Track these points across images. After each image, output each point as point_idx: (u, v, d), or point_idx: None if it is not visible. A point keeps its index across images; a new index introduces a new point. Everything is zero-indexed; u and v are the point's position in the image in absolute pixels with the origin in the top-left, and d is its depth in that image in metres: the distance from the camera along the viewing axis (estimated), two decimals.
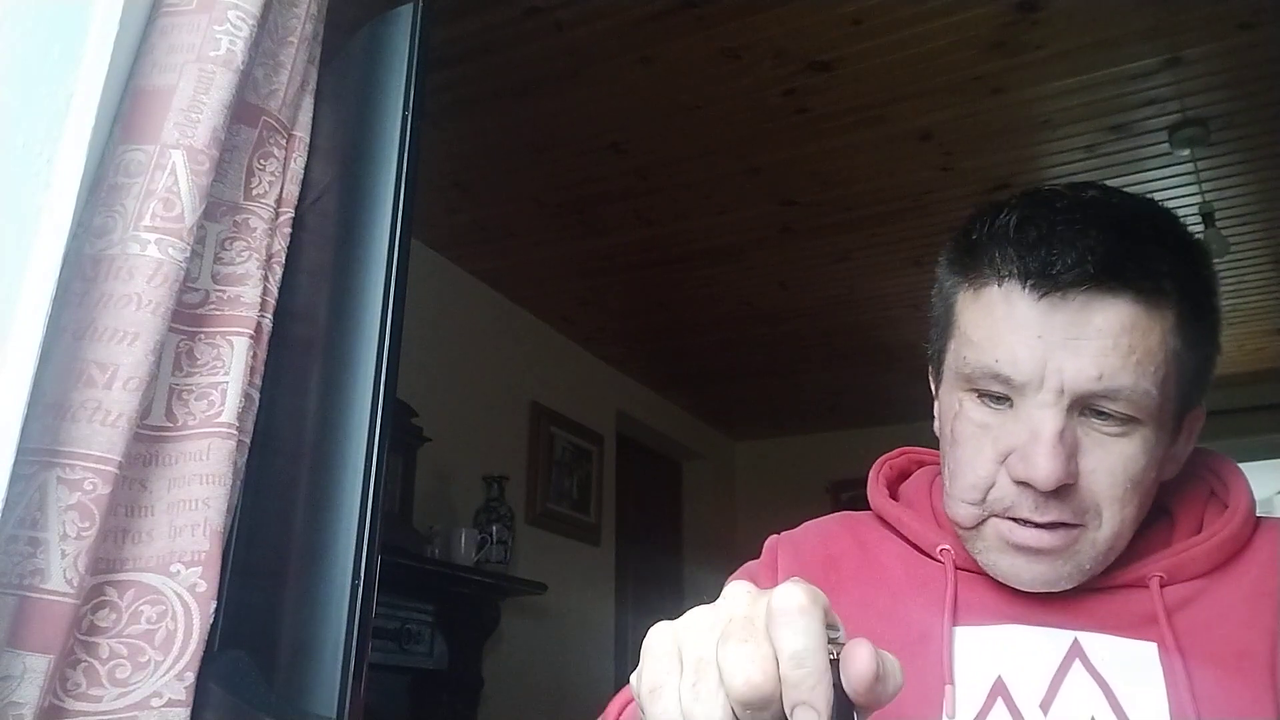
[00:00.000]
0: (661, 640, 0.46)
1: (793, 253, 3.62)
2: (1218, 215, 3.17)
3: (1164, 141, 2.90)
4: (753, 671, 0.41)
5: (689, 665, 0.44)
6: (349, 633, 0.85)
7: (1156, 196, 0.74)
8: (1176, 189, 3.13)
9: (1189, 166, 3.01)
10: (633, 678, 0.47)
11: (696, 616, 0.46)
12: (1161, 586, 0.70)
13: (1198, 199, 3.09)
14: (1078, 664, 0.69)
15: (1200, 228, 3.05)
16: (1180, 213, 3.57)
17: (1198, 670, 0.66)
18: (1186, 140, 2.84)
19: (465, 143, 2.94)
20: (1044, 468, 0.65)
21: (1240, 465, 0.78)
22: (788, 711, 0.40)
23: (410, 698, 3.14)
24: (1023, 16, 2.38)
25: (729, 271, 3.80)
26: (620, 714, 0.57)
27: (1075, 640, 0.70)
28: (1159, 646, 0.68)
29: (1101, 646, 0.69)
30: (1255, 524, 0.73)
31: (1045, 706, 0.68)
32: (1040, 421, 0.66)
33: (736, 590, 0.46)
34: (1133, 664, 0.68)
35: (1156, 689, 0.66)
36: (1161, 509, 0.75)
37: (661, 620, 0.47)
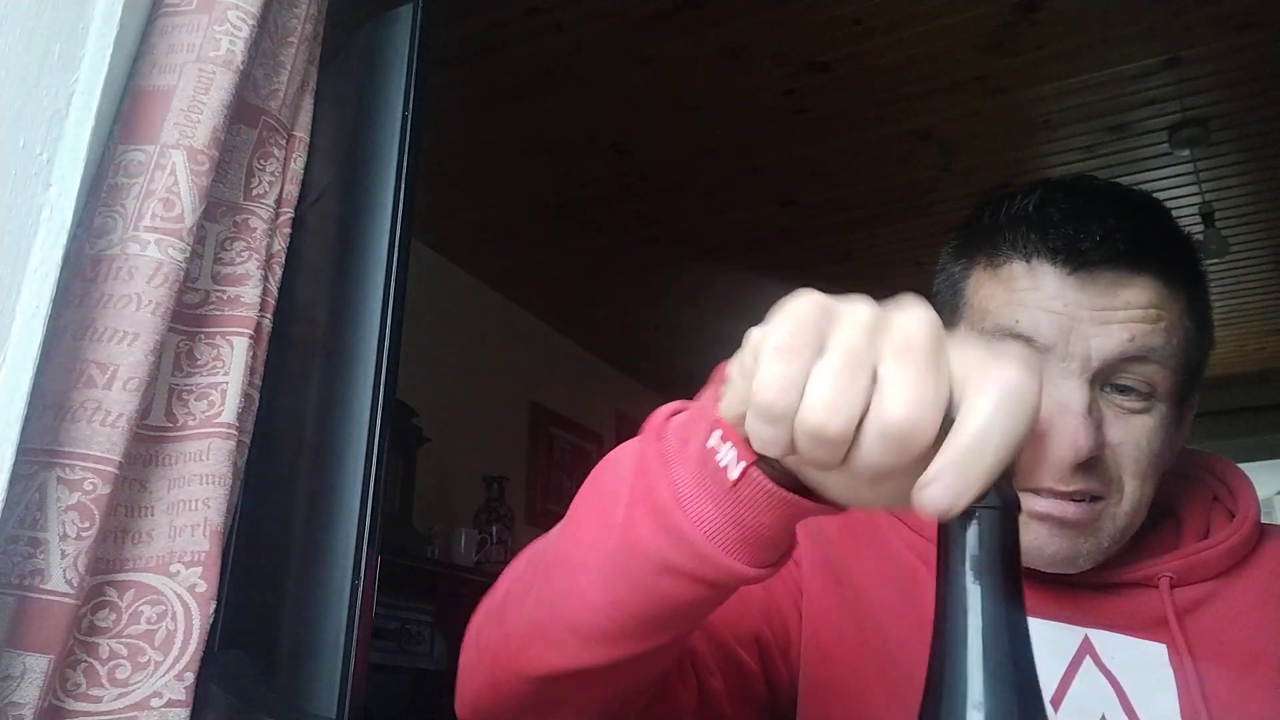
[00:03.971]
0: (810, 309, 0.38)
1: (793, 253, 3.62)
2: (1217, 215, 3.17)
3: (1164, 141, 2.90)
4: (927, 406, 0.34)
5: (837, 349, 0.37)
6: (349, 633, 0.85)
7: (1156, 196, 0.75)
8: (1176, 189, 3.13)
9: (1189, 166, 3.01)
10: (754, 330, 0.40)
11: (861, 306, 0.39)
12: (1171, 588, 0.69)
13: (1197, 199, 3.09)
14: (1089, 661, 0.68)
15: (1200, 228, 3.05)
16: (1180, 213, 3.55)
17: (1209, 673, 0.66)
18: (1186, 140, 2.84)
19: (465, 143, 2.94)
20: (1076, 440, 0.63)
21: (1239, 465, 0.79)
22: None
23: (410, 698, 3.14)
24: (1023, 16, 2.38)
25: (729, 271, 3.79)
26: (671, 417, 0.48)
27: (1086, 637, 0.69)
28: (1169, 648, 0.67)
29: (1112, 645, 0.69)
30: (1262, 531, 0.73)
31: (1056, 703, 0.67)
32: (1068, 393, 0.65)
33: (916, 308, 0.38)
34: (1143, 664, 0.67)
35: (1168, 690, 0.66)
36: (1166, 511, 0.75)
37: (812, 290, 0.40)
